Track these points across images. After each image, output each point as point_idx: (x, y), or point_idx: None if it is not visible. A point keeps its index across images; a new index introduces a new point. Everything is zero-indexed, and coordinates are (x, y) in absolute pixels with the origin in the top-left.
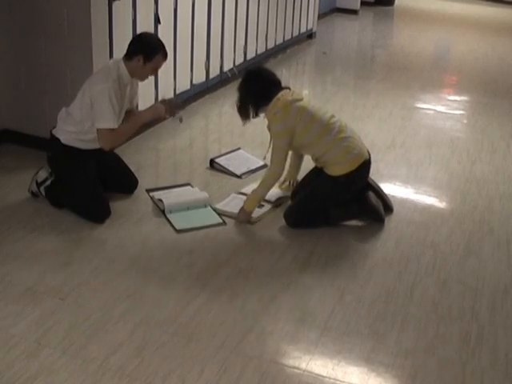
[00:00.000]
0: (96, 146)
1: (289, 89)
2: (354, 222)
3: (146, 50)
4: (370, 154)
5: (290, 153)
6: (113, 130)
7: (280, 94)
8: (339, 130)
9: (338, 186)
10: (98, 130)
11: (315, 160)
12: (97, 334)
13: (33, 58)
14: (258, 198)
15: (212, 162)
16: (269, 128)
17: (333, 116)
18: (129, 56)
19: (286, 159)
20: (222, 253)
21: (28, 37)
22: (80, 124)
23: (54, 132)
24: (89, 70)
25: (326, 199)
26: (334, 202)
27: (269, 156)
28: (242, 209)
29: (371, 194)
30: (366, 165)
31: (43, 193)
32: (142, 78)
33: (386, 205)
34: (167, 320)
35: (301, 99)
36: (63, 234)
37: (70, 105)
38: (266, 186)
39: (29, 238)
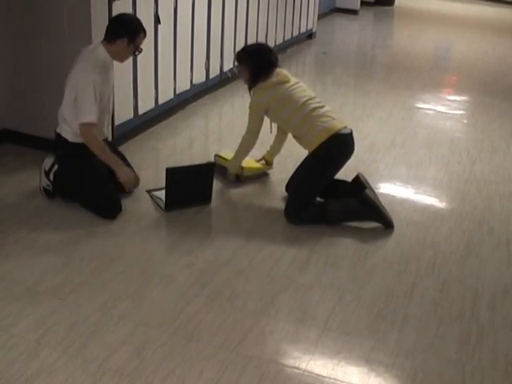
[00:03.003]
0: (100, 138)
1: (280, 67)
2: (353, 222)
3: (130, 32)
4: (351, 131)
5: (276, 128)
6: (94, 124)
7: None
8: (312, 109)
9: (319, 161)
10: (80, 124)
11: (295, 138)
12: (97, 334)
13: (33, 58)
14: (238, 160)
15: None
16: None
17: (310, 98)
18: (111, 39)
19: (258, 129)
20: (221, 253)
21: (28, 37)
22: (74, 116)
23: (58, 131)
24: None
25: (314, 180)
26: (323, 180)
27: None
28: (228, 172)
29: (370, 193)
30: (340, 137)
31: (52, 178)
32: (123, 59)
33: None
34: (167, 320)
35: (285, 81)
36: (63, 234)
37: (61, 106)
38: (241, 150)
39: (29, 238)
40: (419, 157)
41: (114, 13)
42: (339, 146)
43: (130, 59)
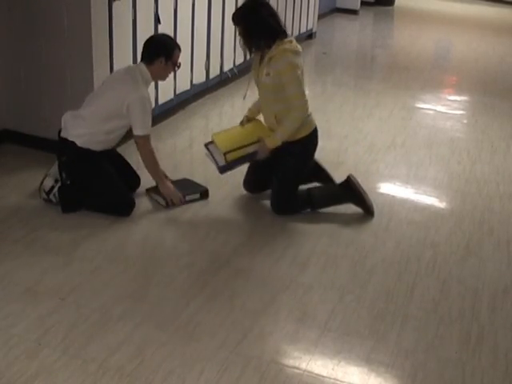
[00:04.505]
0: (110, 145)
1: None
2: (353, 222)
3: (165, 51)
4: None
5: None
6: (149, 136)
7: (289, 39)
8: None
9: (298, 158)
10: (136, 136)
11: (276, 120)
12: (97, 334)
13: (33, 58)
14: (287, 134)
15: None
16: (265, 71)
17: (304, 86)
18: (150, 60)
19: (305, 96)
20: (222, 253)
21: (28, 37)
22: (100, 125)
23: (64, 136)
24: (89, 70)
25: (297, 175)
26: (303, 173)
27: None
28: (263, 147)
29: (354, 179)
30: (314, 132)
31: (54, 200)
32: (165, 78)
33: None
34: (167, 320)
35: (300, 54)
36: (63, 234)
37: (83, 109)
38: (290, 128)
39: (29, 238)
40: (419, 157)
41: (114, 13)
42: (314, 141)
43: (129, 60)
